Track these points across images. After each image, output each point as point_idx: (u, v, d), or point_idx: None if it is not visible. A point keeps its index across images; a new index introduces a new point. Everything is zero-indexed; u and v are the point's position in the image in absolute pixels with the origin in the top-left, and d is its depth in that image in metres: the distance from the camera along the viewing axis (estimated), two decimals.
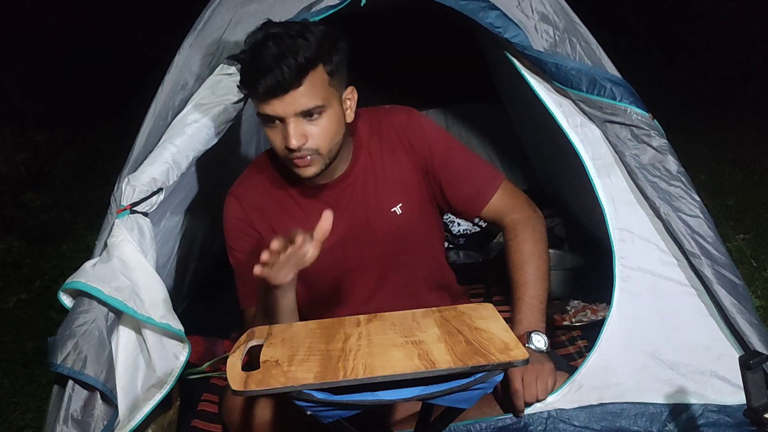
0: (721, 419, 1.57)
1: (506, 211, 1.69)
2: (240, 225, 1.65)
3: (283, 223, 1.62)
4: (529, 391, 1.54)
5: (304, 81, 1.42)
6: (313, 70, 1.43)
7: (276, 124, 1.47)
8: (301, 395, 1.07)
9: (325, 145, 1.49)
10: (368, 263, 1.67)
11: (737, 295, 1.56)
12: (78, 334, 1.43)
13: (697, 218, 1.59)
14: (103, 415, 1.43)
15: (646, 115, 1.62)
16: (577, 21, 1.72)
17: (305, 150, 1.47)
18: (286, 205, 1.65)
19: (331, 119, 1.49)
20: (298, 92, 1.42)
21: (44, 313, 3.00)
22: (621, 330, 1.62)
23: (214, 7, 1.76)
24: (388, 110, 1.70)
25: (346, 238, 1.63)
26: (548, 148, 2.53)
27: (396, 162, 1.65)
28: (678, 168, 1.62)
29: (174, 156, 1.61)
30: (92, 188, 4.46)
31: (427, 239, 1.73)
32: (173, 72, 1.71)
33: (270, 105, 1.43)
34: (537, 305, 1.61)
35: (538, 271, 1.63)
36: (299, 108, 1.43)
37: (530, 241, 1.65)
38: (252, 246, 1.64)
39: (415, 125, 1.66)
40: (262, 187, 1.66)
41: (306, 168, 1.51)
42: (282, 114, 1.44)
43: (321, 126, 1.47)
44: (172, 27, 2.47)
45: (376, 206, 1.64)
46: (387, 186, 1.65)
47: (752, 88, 5.63)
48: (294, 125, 1.44)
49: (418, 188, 1.67)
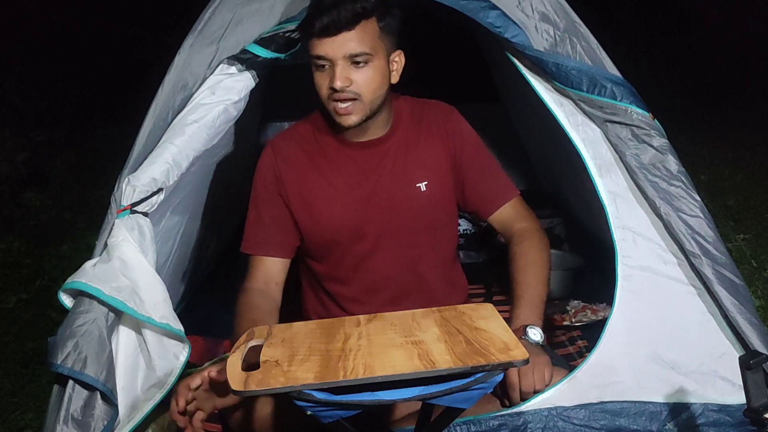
0: (721, 419, 1.57)
1: (516, 220, 1.78)
2: (268, 173, 1.73)
3: (311, 176, 1.71)
4: (525, 382, 1.55)
5: (356, 26, 1.52)
6: (366, 19, 1.54)
7: (325, 69, 1.56)
8: (301, 395, 1.07)
9: (367, 93, 1.57)
10: (382, 230, 1.72)
11: (737, 295, 1.57)
12: (78, 334, 1.42)
13: (698, 218, 1.59)
14: (103, 415, 1.43)
15: (646, 114, 1.63)
16: (577, 21, 1.72)
17: (348, 92, 1.55)
18: (316, 156, 1.72)
19: (376, 71, 1.57)
20: (349, 35, 1.52)
21: (44, 313, 2.99)
22: (622, 328, 1.62)
23: (214, 7, 1.75)
24: (433, 102, 1.80)
25: (367, 199, 1.70)
26: (548, 147, 2.53)
27: (430, 145, 1.73)
28: (678, 168, 1.62)
29: (174, 156, 1.61)
30: (92, 188, 4.45)
31: (444, 224, 1.78)
32: (173, 72, 1.70)
33: (322, 44, 1.53)
34: (536, 304, 1.65)
35: (540, 275, 1.69)
36: (348, 51, 1.53)
37: (536, 248, 1.73)
38: (274, 194, 1.72)
39: (455, 120, 1.77)
40: (299, 139, 1.74)
41: (347, 116, 1.58)
42: (331, 55, 1.53)
43: (366, 74, 1.56)
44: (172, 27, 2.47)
45: (402, 178, 1.71)
46: (417, 162, 1.71)
47: (752, 88, 5.63)
48: (341, 67, 1.53)
49: (446, 175, 1.74)
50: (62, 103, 5.32)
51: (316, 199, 1.70)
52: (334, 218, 1.70)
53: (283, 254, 1.74)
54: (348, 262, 1.74)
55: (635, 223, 1.65)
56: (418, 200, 1.71)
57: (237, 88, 1.67)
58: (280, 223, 1.73)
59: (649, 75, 5.47)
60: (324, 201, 1.70)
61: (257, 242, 1.74)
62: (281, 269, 1.74)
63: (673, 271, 1.63)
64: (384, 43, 1.58)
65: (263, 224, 1.74)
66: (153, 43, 4.96)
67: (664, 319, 1.62)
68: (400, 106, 1.74)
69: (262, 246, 1.73)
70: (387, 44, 1.59)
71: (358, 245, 1.72)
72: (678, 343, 1.61)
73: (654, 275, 1.63)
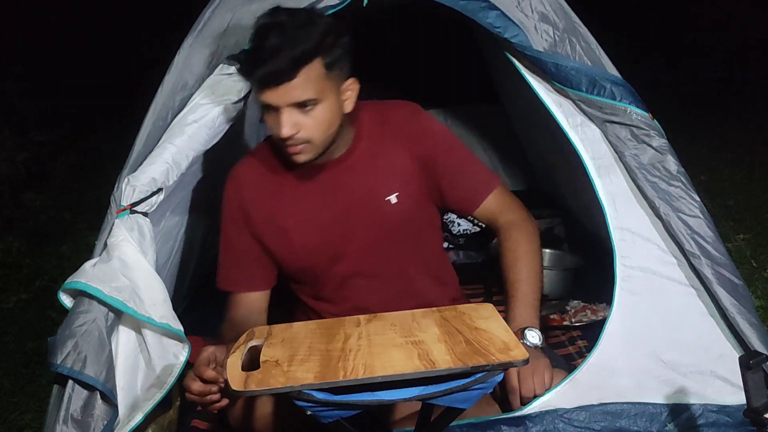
0: (720, 419, 1.57)
1: (500, 212, 1.71)
2: (233, 206, 1.68)
3: (277, 203, 1.66)
4: (525, 387, 1.54)
5: (298, 74, 1.43)
6: (308, 64, 1.44)
7: (272, 112, 1.49)
8: (301, 395, 1.07)
9: (317, 136, 1.51)
10: (360, 247, 1.67)
11: (737, 296, 1.57)
12: (78, 334, 1.42)
13: (697, 218, 1.59)
14: (103, 415, 1.43)
15: (645, 115, 1.63)
16: (576, 21, 1.72)
17: (297, 139, 1.50)
18: (281, 183, 1.66)
19: (326, 111, 1.50)
20: (292, 84, 1.44)
21: (44, 313, 3.00)
22: (621, 329, 1.62)
23: (214, 7, 1.75)
24: (393, 104, 1.72)
25: (340, 220, 1.65)
26: (548, 148, 2.53)
27: (396, 153, 1.66)
28: (678, 168, 1.62)
29: (174, 156, 1.61)
30: (92, 188, 4.45)
31: (422, 232, 1.73)
32: (173, 72, 1.70)
33: (265, 94, 1.46)
34: (530, 302, 1.62)
35: (531, 270, 1.65)
36: (292, 99, 1.46)
37: (524, 242, 1.67)
38: (242, 229, 1.67)
39: (419, 121, 1.68)
40: (261, 168, 1.68)
41: (298, 155, 1.53)
42: (276, 103, 1.47)
43: (314, 117, 1.49)
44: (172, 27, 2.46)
45: (372, 192, 1.65)
46: (385, 174, 1.65)
47: (752, 89, 5.63)
48: (287, 115, 1.47)
49: (416, 181, 1.67)
50: (62, 103, 5.31)
51: (287, 228, 1.65)
52: (309, 244, 1.65)
53: (262, 287, 1.71)
54: (331, 285, 1.69)
55: (634, 223, 1.64)
56: (391, 214, 1.64)
57: (237, 88, 1.67)
58: (254, 256, 1.69)
59: (649, 75, 5.46)
60: (295, 228, 1.65)
61: (232, 279, 1.70)
62: (263, 298, 1.71)
63: (672, 272, 1.63)
64: (332, 81, 1.49)
65: (236, 260, 1.69)
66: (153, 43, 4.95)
67: (664, 320, 1.62)
68: (361, 117, 1.66)
69: (237, 283, 1.69)
70: (336, 80, 1.51)
71: (338, 267, 1.67)
72: (677, 343, 1.61)
73: (653, 276, 1.63)
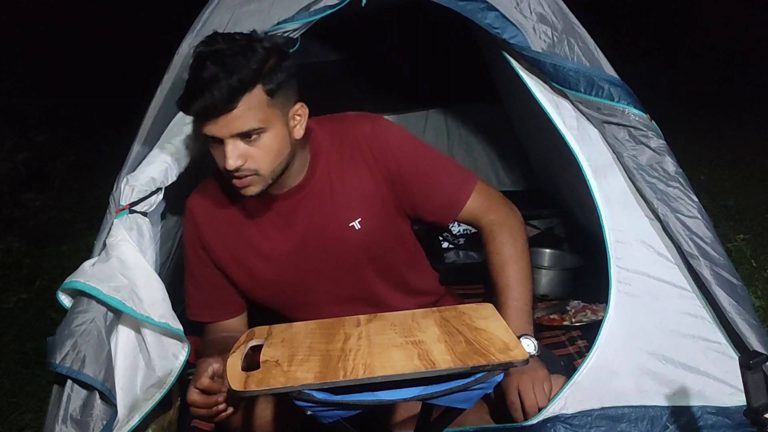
0: (719, 421, 1.57)
1: (481, 213, 1.65)
2: (193, 240, 1.65)
3: (234, 238, 1.61)
4: (527, 400, 1.52)
5: (237, 104, 1.37)
6: (248, 93, 1.38)
7: (217, 144, 1.43)
8: (301, 395, 1.07)
9: (265, 166, 1.45)
10: (324, 277, 1.63)
11: (736, 296, 1.56)
12: (77, 333, 1.43)
13: (695, 219, 1.59)
14: (102, 415, 1.43)
15: (643, 116, 1.63)
16: (575, 22, 1.72)
17: (244, 170, 1.43)
18: (238, 215, 1.61)
19: (273, 140, 1.43)
20: (232, 115, 1.37)
21: (44, 313, 3.00)
22: (619, 332, 1.61)
23: (213, 7, 1.75)
24: (352, 120, 1.62)
25: (299, 251, 1.60)
26: (547, 148, 2.53)
27: (357, 175, 1.58)
28: (676, 169, 1.62)
29: (173, 155, 1.62)
30: (92, 188, 4.46)
31: (390, 250, 1.66)
32: (173, 72, 1.70)
33: (206, 126, 1.40)
34: (522, 308, 1.58)
35: (520, 273, 1.60)
36: (234, 130, 1.39)
37: (509, 243, 1.62)
38: (206, 262, 1.64)
39: (380, 135, 1.58)
40: (217, 197, 1.62)
41: (246, 188, 1.47)
42: (218, 135, 1.40)
43: (260, 147, 1.42)
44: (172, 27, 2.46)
45: (333, 220, 1.58)
46: (346, 200, 1.58)
47: (752, 89, 5.63)
48: (231, 147, 1.40)
49: (382, 201, 1.60)
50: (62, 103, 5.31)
51: (248, 261, 1.61)
52: (272, 278, 1.61)
53: (235, 313, 1.69)
54: (300, 311, 1.65)
55: (631, 225, 1.64)
56: (355, 240, 1.58)
57: None
58: (221, 288, 1.66)
59: (648, 75, 5.47)
60: (254, 263, 1.61)
61: (203, 311, 1.68)
62: (239, 322, 1.69)
63: (670, 274, 1.62)
64: (277, 108, 1.43)
65: (204, 293, 1.67)
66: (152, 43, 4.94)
67: (662, 322, 1.61)
68: (317, 137, 1.58)
69: (208, 313, 1.68)
70: (281, 106, 1.44)
71: (305, 296, 1.65)
72: (676, 345, 1.60)
73: (650, 278, 1.62)
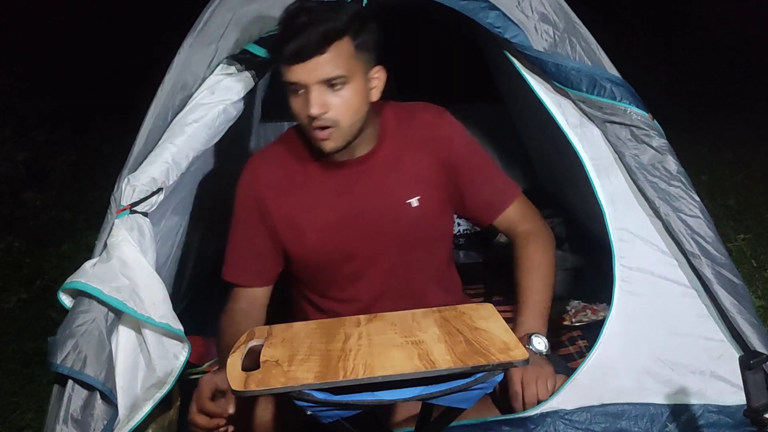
0: (720, 420, 1.57)
1: (520, 221, 1.71)
2: (249, 198, 1.65)
3: (294, 201, 1.64)
4: (528, 392, 1.53)
5: (328, 49, 1.43)
6: (338, 40, 1.44)
7: (300, 93, 1.48)
8: (301, 395, 1.07)
9: (346, 118, 1.49)
10: (373, 251, 1.65)
11: (737, 296, 1.56)
12: (78, 333, 1.42)
13: (697, 218, 1.59)
14: (103, 415, 1.43)
15: (645, 115, 1.63)
16: (576, 21, 1.72)
17: (325, 120, 1.48)
18: (300, 179, 1.64)
19: (354, 93, 1.49)
20: (322, 59, 1.43)
21: (44, 313, 3.00)
22: (621, 330, 1.62)
23: (214, 7, 1.75)
24: (421, 107, 1.70)
25: (351, 221, 1.63)
26: (549, 147, 2.53)
27: (419, 157, 1.64)
28: (678, 168, 1.62)
29: (174, 156, 1.61)
30: (92, 188, 4.46)
31: (440, 239, 1.72)
32: (173, 72, 1.70)
33: (294, 71, 1.45)
34: (541, 310, 1.62)
35: (545, 279, 1.66)
36: (322, 75, 1.45)
37: (541, 251, 1.68)
38: (256, 222, 1.65)
39: (444, 126, 1.67)
40: (281, 160, 1.66)
41: (326, 141, 1.51)
42: (305, 80, 1.45)
43: (343, 97, 1.47)
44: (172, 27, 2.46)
45: (392, 195, 1.63)
46: (406, 178, 1.63)
47: (752, 88, 5.63)
48: (316, 93, 1.45)
49: (439, 187, 1.65)
50: (62, 103, 5.32)
51: (303, 224, 1.63)
52: (323, 242, 1.63)
53: (267, 282, 1.70)
54: (339, 284, 1.68)
55: (634, 224, 1.64)
56: (410, 217, 1.62)
57: (237, 88, 1.67)
58: (263, 251, 1.67)
59: (649, 75, 5.47)
60: (311, 225, 1.63)
61: (239, 271, 1.69)
62: (265, 294, 1.71)
63: (672, 273, 1.62)
64: (361, 62, 1.49)
65: (245, 253, 1.68)
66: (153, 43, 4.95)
67: (663, 321, 1.62)
68: (386, 116, 1.65)
69: (244, 275, 1.69)
70: (364, 62, 1.51)
71: (348, 266, 1.66)
72: (677, 344, 1.60)
73: (652, 277, 1.62)
